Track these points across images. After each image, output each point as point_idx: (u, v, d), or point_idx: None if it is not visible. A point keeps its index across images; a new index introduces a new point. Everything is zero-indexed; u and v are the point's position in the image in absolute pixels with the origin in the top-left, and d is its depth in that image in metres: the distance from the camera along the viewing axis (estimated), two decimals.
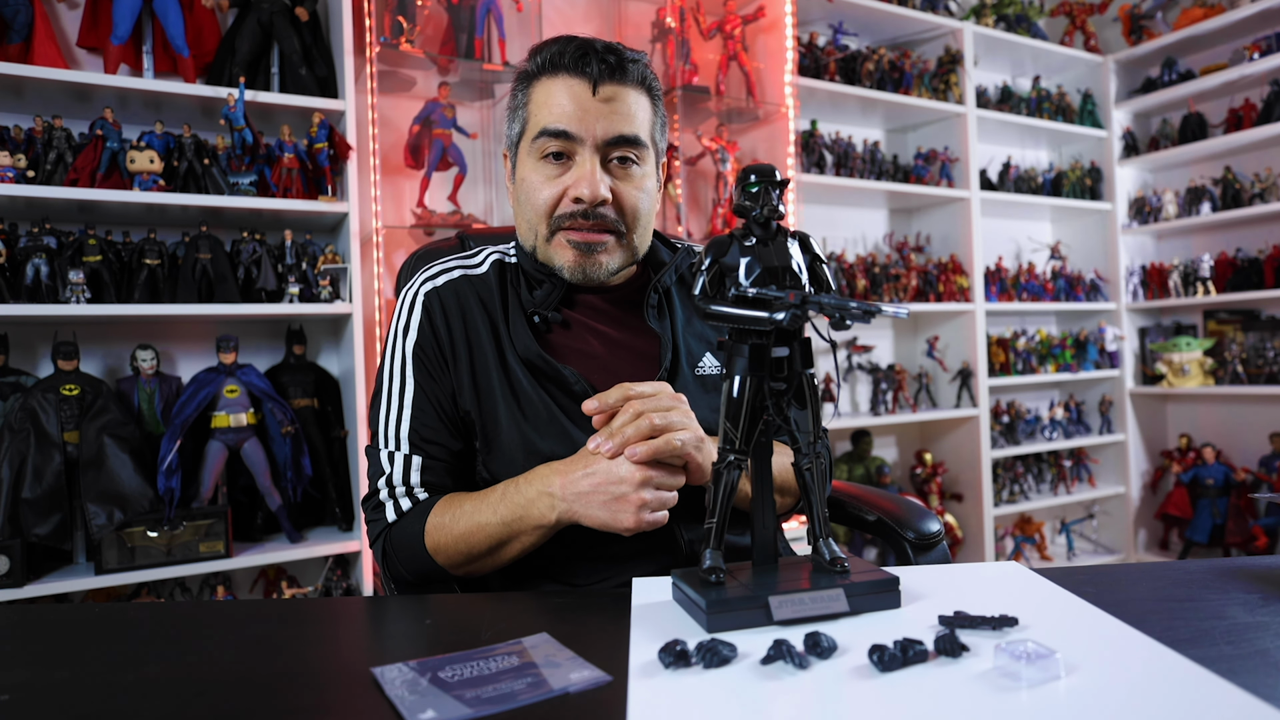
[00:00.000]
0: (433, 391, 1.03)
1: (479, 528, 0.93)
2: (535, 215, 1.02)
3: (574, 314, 1.08)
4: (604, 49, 1.00)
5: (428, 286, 1.07)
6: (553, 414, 1.00)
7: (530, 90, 1.03)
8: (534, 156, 1.02)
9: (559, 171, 1.01)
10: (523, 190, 1.04)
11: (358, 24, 2.28)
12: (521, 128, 1.04)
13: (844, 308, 0.64)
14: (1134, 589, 0.76)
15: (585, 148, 0.99)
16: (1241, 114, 3.44)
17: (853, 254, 3.37)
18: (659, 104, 1.07)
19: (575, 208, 1.00)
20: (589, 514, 0.86)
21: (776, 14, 2.87)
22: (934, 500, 3.25)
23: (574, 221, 1.01)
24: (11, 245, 1.93)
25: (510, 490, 0.92)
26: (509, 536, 0.92)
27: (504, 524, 0.91)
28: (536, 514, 0.89)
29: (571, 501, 0.87)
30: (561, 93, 0.99)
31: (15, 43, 1.98)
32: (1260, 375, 3.46)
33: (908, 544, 1.12)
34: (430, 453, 1.02)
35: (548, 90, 1.01)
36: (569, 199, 1.00)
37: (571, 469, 0.88)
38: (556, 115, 0.99)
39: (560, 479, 0.88)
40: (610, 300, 1.09)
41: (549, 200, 1.01)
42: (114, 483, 1.89)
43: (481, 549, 0.94)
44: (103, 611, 0.83)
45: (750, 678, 0.57)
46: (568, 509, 0.87)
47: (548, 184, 1.01)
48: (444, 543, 0.95)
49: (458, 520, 0.95)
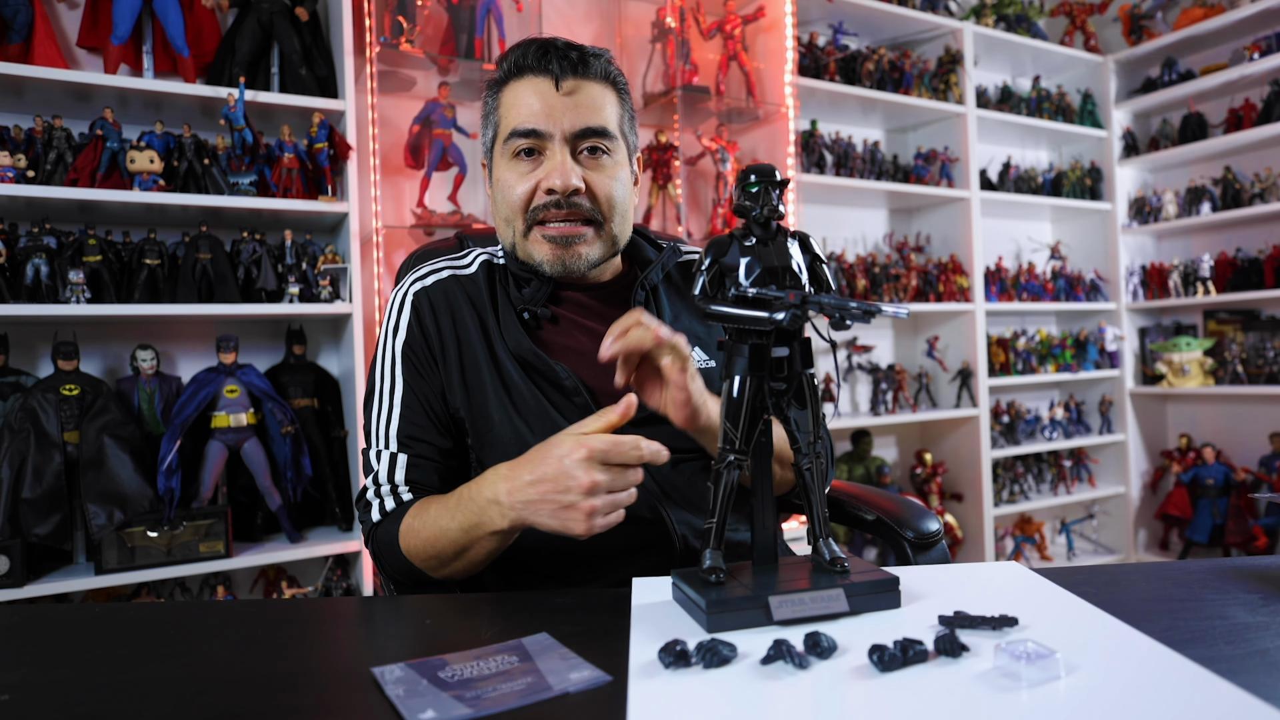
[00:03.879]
0: (421, 390, 1.03)
1: (442, 533, 0.91)
2: (511, 212, 1.04)
3: (562, 311, 1.08)
4: (564, 46, 1.03)
5: (416, 287, 1.08)
6: (544, 408, 1.00)
7: (499, 96, 1.06)
8: (506, 157, 1.04)
9: (531, 168, 1.03)
10: (499, 191, 1.06)
11: (358, 24, 2.28)
12: (494, 133, 1.07)
13: (844, 308, 0.64)
14: (1134, 589, 0.76)
15: (554, 142, 1.01)
16: (1241, 114, 3.44)
17: (853, 254, 3.37)
18: (626, 98, 1.09)
19: (549, 199, 1.01)
20: (539, 520, 0.83)
21: (776, 14, 2.87)
22: (934, 500, 3.25)
23: (549, 213, 1.02)
24: (11, 245, 1.93)
25: (465, 496, 0.90)
26: (469, 542, 0.90)
27: (463, 530, 0.89)
28: (489, 521, 0.87)
29: (520, 509, 0.84)
30: (528, 93, 1.02)
31: (15, 43, 1.98)
32: (1260, 375, 3.46)
33: (907, 544, 1.12)
34: (417, 450, 1.02)
35: (515, 93, 1.03)
36: (541, 191, 1.01)
37: (518, 473, 0.84)
38: (525, 115, 1.01)
39: (506, 485, 0.84)
40: (597, 297, 1.10)
41: (523, 195, 1.02)
42: (114, 483, 1.89)
43: (448, 553, 0.92)
44: (103, 611, 0.83)
45: (750, 678, 0.57)
46: (517, 516, 0.84)
47: (521, 180, 1.02)
48: (415, 546, 0.95)
49: (425, 525, 0.93)
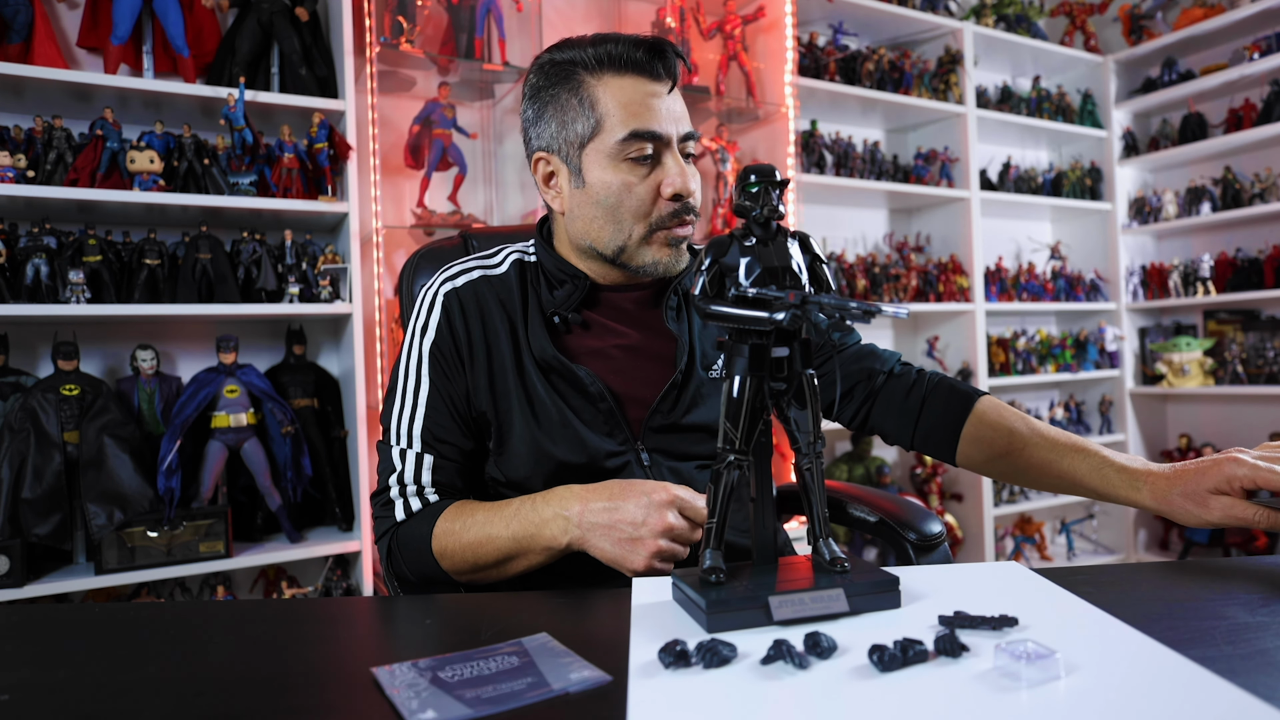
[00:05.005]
0: (447, 391, 1.03)
1: (488, 539, 0.93)
2: (632, 217, 1.00)
3: (595, 315, 1.08)
4: (670, 47, 1.01)
5: (447, 287, 1.07)
6: (565, 418, 1.01)
7: (593, 90, 0.99)
8: (618, 159, 0.99)
9: (645, 171, 1.00)
10: (606, 194, 1.00)
11: (358, 24, 2.28)
12: (592, 130, 0.99)
13: (844, 308, 0.64)
14: (1134, 589, 0.76)
15: (671, 147, 1.00)
16: (1241, 114, 3.44)
17: (853, 254, 3.37)
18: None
19: (675, 205, 1.00)
20: (599, 546, 0.87)
21: (776, 14, 2.87)
22: (934, 500, 3.25)
23: (675, 220, 1.01)
24: (11, 245, 1.93)
25: (525, 507, 0.92)
26: (517, 553, 0.92)
27: (514, 539, 0.91)
28: (548, 535, 0.89)
29: (586, 530, 0.87)
30: (641, 93, 0.99)
31: (15, 43, 1.98)
32: (1260, 375, 3.45)
33: (910, 545, 1.12)
34: (442, 452, 1.02)
35: (622, 90, 0.98)
36: (664, 198, 0.99)
37: (593, 497, 0.88)
38: (648, 118, 0.98)
39: (580, 505, 0.88)
40: (634, 301, 1.09)
41: (645, 201, 1.00)
42: (114, 483, 1.89)
43: (488, 560, 0.94)
44: (103, 611, 0.83)
45: (750, 678, 0.57)
46: (580, 536, 0.87)
47: (641, 184, 0.99)
48: (451, 549, 0.95)
49: (468, 529, 0.94)
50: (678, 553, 0.85)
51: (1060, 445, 0.96)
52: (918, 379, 1.11)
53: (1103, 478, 0.91)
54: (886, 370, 1.13)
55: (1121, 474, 0.90)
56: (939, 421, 1.07)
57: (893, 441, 1.13)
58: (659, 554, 0.84)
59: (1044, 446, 0.98)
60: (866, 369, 1.13)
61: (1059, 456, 0.96)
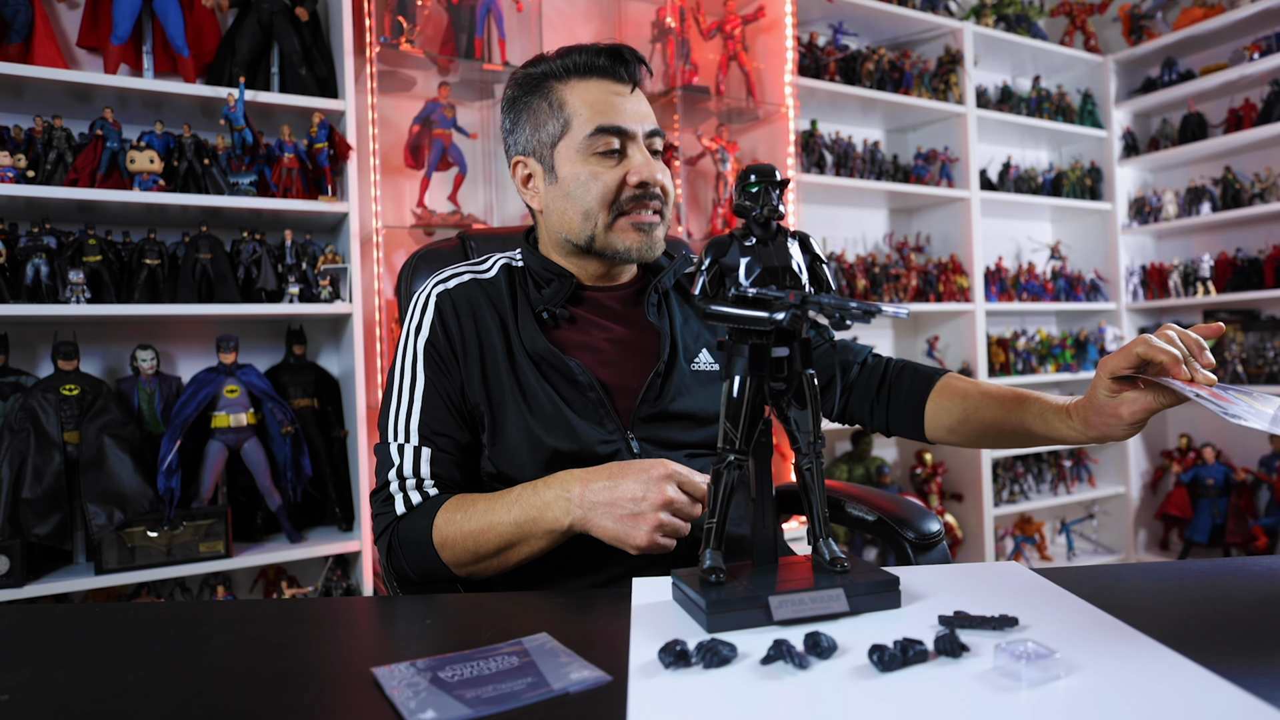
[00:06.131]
0: (443, 386, 1.06)
1: (490, 526, 0.94)
2: (596, 205, 1.07)
3: (580, 311, 1.13)
4: (631, 53, 1.10)
5: (440, 289, 1.11)
6: (558, 408, 1.04)
7: (561, 95, 1.08)
8: (586, 153, 1.06)
9: (613, 164, 1.07)
10: (575, 185, 1.07)
11: (358, 24, 2.28)
12: (561, 129, 1.08)
13: (844, 308, 0.64)
14: (1134, 589, 0.76)
15: (637, 141, 1.08)
16: (1241, 114, 3.44)
17: (853, 254, 3.37)
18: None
19: (638, 191, 1.06)
20: (602, 525, 0.88)
21: (776, 14, 2.87)
22: (934, 500, 3.25)
23: (637, 205, 1.07)
24: (11, 245, 1.93)
25: (527, 493, 0.94)
26: (519, 539, 0.93)
27: (516, 525, 0.93)
28: (550, 517, 0.91)
29: (588, 509, 0.88)
30: (605, 94, 1.07)
31: (15, 43, 1.98)
32: (1260, 375, 3.45)
33: (909, 544, 1.12)
34: (440, 445, 1.04)
35: (588, 93, 1.07)
36: (629, 185, 1.06)
37: (594, 477, 0.90)
38: (612, 114, 1.06)
39: (580, 486, 0.90)
40: (616, 298, 1.15)
41: (610, 189, 1.06)
42: (114, 483, 1.89)
43: (490, 549, 0.95)
44: (103, 611, 0.83)
45: (750, 678, 0.57)
46: (582, 516, 0.89)
47: (607, 174, 1.06)
48: (452, 538, 0.96)
49: (469, 518, 0.96)
50: (679, 527, 0.87)
51: (1005, 400, 1.01)
52: (886, 367, 1.17)
53: (1045, 422, 0.95)
54: (859, 361, 1.19)
55: (1058, 414, 0.93)
56: (905, 402, 1.13)
57: (871, 429, 1.19)
58: (660, 528, 0.86)
59: (991, 405, 1.02)
60: (841, 361, 1.19)
61: (1006, 412, 1.00)
